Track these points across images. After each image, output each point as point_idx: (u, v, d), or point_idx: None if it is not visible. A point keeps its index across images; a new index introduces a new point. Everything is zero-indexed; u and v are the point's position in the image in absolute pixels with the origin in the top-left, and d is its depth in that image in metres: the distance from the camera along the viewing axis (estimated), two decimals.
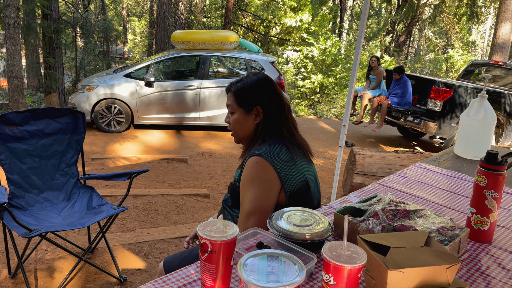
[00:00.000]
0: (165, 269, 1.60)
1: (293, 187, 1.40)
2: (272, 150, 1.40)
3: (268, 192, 1.36)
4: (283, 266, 0.88)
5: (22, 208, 2.45)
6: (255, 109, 1.49)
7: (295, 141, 1.50)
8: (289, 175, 1.39)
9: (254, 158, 1.38)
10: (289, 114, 1.54)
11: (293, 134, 1.52)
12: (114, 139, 6.61)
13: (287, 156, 1.41)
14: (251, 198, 1.36)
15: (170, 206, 3.84)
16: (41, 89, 11.94)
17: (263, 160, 1.37)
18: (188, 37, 7.41)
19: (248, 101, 1.49)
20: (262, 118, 1.49)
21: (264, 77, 1.52)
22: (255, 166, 1.37)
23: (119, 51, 21.83)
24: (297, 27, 13.28)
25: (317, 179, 1.58)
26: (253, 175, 1.37)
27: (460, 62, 18.19)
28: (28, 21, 7.52)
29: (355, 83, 3.09)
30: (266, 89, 1.49)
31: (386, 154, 4.11)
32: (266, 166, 1.36)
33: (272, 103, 1.49)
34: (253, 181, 1.36)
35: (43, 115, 2.59)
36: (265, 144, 1.44)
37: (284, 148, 1.43)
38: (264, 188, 1.36)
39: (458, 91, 6.22)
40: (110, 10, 20.94)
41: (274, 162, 1.37)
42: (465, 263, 1.10)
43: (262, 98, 1.48)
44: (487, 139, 1.86)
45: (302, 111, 12.00)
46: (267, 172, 1.36)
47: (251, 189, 1.36)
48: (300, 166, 1.45)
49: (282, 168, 1.38)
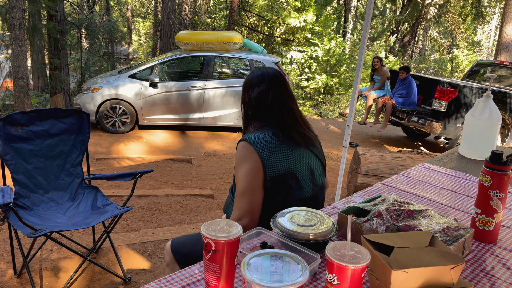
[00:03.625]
0: (172, 250, 1.68)
1: (274, 173, 1.48)
2: (258, 136, 1.51)
3: (255, 171, 1.47)
4: (287, 266, 0.88)
5: (27, 208, 2.47)
6: (243, 100, 1.66)
7: (290, 131, 1.57)
8: (271, 160, 1.48)
9: (241, 143, 1.52)
10: (284, 105, 1.59)
11: (286, 124, 1.57)
12: (118, 140, 6.63)
13: (273, 142, 1.50)
14: (241, 176, 1.48)
15: (175, 207, 3.84)
16: (47, 90, 12.00)
17: (248, 145, 1.49)
18: (192, 38, 7.42)
19: (242, 93, 1.68)
20: (247, 107, 1.63)
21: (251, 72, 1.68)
22: (242, 150, 1.50)
23: (123, 52, 21.90)
24: (301, 27, 13.27)
25: (315, 173, 1.60)
26: (241, 157, 1.50)
27: (466, 62, 18.11)
28: (34, 23, 7.56)
29: (359, 83, 3.08)
30: (247, 81, 1.64)
31: (391, 154, 4.10)
32: (251, 150, 1.48)
33: (251, 93, 1.61)
34: (241, 162, 1.49)
35: (48, 115, 2.61)
36: (256, 131, 1.56)
37: (272, 136, 1.52)
38: (251, 168, 1.47)
39: (463, 91, 6.19)
40: (115, 11, 21.02)
41: (257, 146, 1.48)
42: (470, 264, 1.09)
43: (244, 90, 1.65)
44: (492, 139, 1.85)
45: (306, 112, 11.99)
46: (252, 155, 1.47)
47: (240, 169, 1.49)
48: (287, 155, 1.52)
49: (263, 152, 1.47)
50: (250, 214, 1.46)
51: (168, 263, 1.69)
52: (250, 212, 1.46)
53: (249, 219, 1.46)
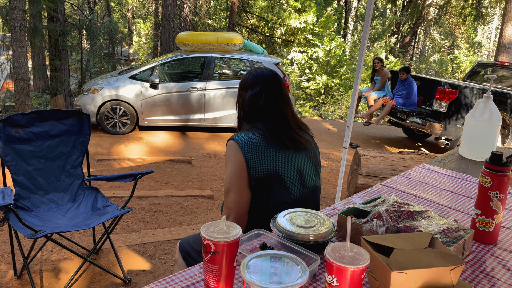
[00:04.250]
0: (180, 248, 1.71)
1: (258, 174, 1.49)
2: (245, 136, 1.52)
3: (240, 171, 1.48)
4: (286, 267, 0.88)
5: (27, 209, 2.47)
6: (238, 100, 1.68)
7: (279, 134, 1.56)
8: (255, 161, 1.48)
9: (229, 142, 1.54)
10: (275, 108, 1.59)
11: (276, 127, 1.57)
12: (119, 141, 6.63)
13: (259, 143, 1.51)
14: (227, 176, 1.51)
15: (175, 208, 3.84)
16: (47, 91, 12.01)
17: (234, 144, 1.51)
18: (193, 39, 7.42)
19: (237, 93, 1.69)
20: (241, 107, 1.65)
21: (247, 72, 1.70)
22: (229, 149, 1.53)
23: (124, 53, 21.92)
24: (301, 28, 13.27)
25: (305, 175, 1.59)
26: (227, 156, 1.53)
27: (466, 62, 18.09)
28: (35, 24, 7.58)
29: (359, 84, 3.08)
30: (242, 81, 1.66)
31: (391, 155, 4.10)
32: (237, 149, 1.50)
33: (245, 94, 1.62)
34: (228, 161, 1.52)
35: (48, 117, 2.61)
36: (245, 131, 1.57)
37: (259, 137, 1.52)
38: (236, 167, 1.49)
39: (463, 92, 6.19)
40: (115, 12, 21.04)
41: (242, 146, 1.49)
42: (470, 265, 1.09)
43: (240, 90, 1.66)
44: (493, 140, 1.85)
45: (306, 112, 11.99)
46: (237, 154, 1.50)
47: (227, 168, 1.51)
48: (272, 157, 1.52)
49: (248, 152, 1.48)
50: (235, 212, 1.47)
51: (176, 260, 1.72)
52: (235, 210, 1.47)
53: (234, 217, 1.47)
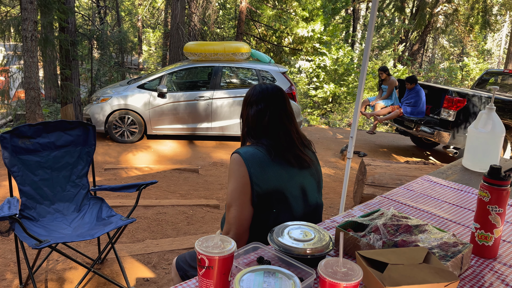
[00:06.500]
0: (176, 266, 1.71)
1: (261, 190, 1.47)
2: (251, 151, 1.50)
3: (242, 186, 1.46)
4: (279, 282, 0.88)
5: (33, 219, 2.50)
6: (242, 115, 1.67)
7: (284, 152, 1.54)
8: (259, 177, 1.46)
9: (234, 155, 1.51)
10: (280, 126, 1.57)
11: (281, 145, 1.55)
12: (127, 149, 6.68)
13: (264, 159, 1.49)
14: (229, 190, 1.49)
15: (180, 217, 3.85)
16: (58, 99, 12.17)
17: (239, 158, 1.49)
18: (200, 49, 7.48)
19: (242, 107, 1.69)
20: (244, 123, 1.64)
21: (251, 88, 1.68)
22: (233, 162, 1.50)
23: (134, 62, 22.17)
24: (309, 37, 13.31)
25: (308, 193, 1.57)
26: (231, 170, 1.50)
27: (476, 70, 17.96)
28: (46, 34, 7.70)
29: (362, 93, 3.07)
30: (246, 97, 1.65)
31: (397, 165, 4.07)
32: (241, 163, 1.48)
33: (250, 110, 1.61)
34: (231, 175, 1.50)
35: (54, 127, 2.65)
36: (250, 145, 1.56)
37: (264, 153, 1.50)
38: (238, 182, 1.47)
39: (472, 100, 6.13)
40: (125, 22, 21.33)
41: (247, 161, 1.47)
42: (468, 279, 1.08)
43: (244, 105, 1.65)
44: (496, 151, 1.83)
45: (314, 121, 11.98)
46: (241, 168, 1.47)
47: (230, 183, 1.49)
48: (277, 174, 1.50)
49: (252, 167, 1.46)
50: (236, 228, 1.45)
51: (172, 278, 1.71)
52: (235, 226, 1.45)
53: (234, 234, 1.45)
